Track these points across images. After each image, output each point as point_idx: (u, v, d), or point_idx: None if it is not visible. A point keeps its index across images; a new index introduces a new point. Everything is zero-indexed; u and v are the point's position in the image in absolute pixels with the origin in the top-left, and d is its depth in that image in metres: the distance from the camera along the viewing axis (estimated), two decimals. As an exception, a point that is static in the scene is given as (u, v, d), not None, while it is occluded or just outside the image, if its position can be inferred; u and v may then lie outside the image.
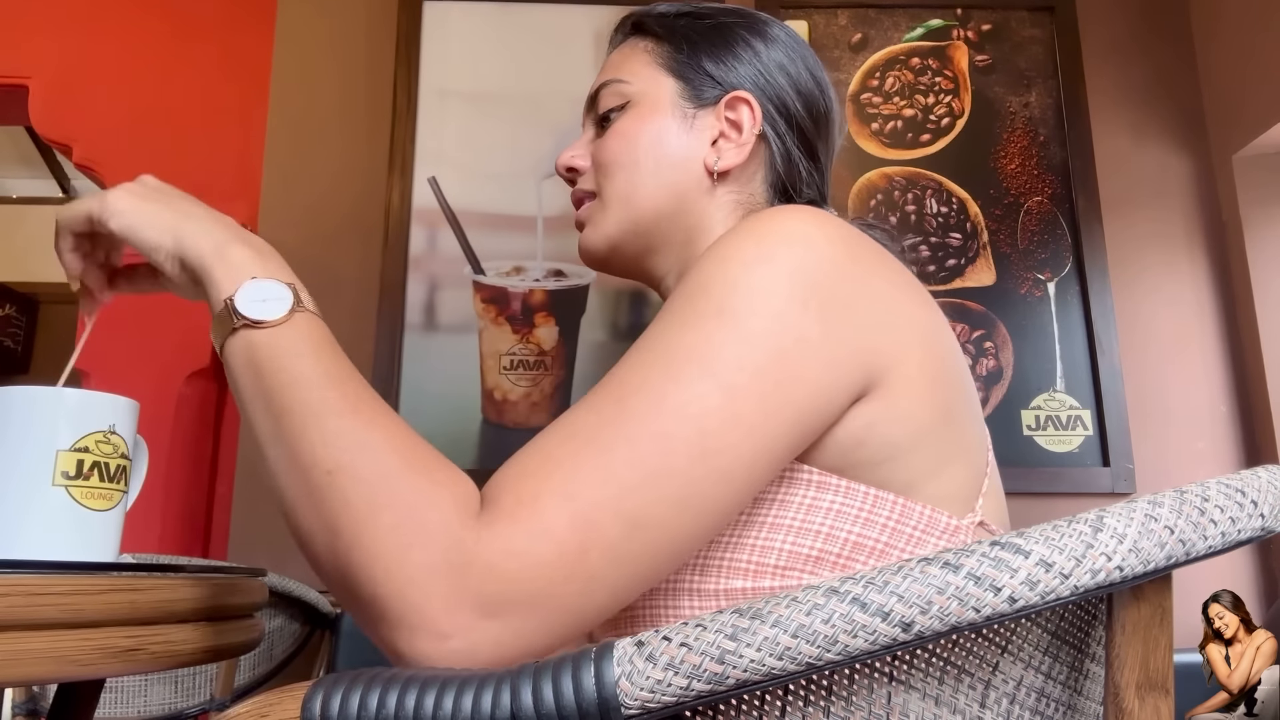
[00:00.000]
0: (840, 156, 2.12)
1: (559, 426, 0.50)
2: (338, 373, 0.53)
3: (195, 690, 1.87)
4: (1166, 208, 2.16)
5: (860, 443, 0.54)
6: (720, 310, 0.51)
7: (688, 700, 0.38)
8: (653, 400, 0.49)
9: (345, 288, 2.05)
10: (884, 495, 0.55)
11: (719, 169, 0.73)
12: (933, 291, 2.05)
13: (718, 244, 0.55)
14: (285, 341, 0.54)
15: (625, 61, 0.77)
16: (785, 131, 0.75)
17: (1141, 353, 2.07)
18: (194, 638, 0.58)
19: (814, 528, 0.54)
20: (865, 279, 0.55)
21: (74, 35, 2.21)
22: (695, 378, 0.49)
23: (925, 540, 0.55)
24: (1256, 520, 0.42)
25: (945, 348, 0.59)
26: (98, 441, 0.60)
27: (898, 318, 0.56)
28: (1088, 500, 1.95)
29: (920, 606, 0.38)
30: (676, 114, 0.74)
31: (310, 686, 0.40)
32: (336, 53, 2.18)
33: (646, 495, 0.47)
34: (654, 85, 0.75)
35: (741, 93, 0.74)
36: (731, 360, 0.50)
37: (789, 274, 0.52)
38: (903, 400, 0.54)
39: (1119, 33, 2.24)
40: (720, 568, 0.55)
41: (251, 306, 0.55)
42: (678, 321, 0.52)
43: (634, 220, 0.74)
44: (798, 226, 0.54)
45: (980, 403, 0.67)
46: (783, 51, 0.77)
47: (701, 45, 0.75)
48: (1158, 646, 0.42)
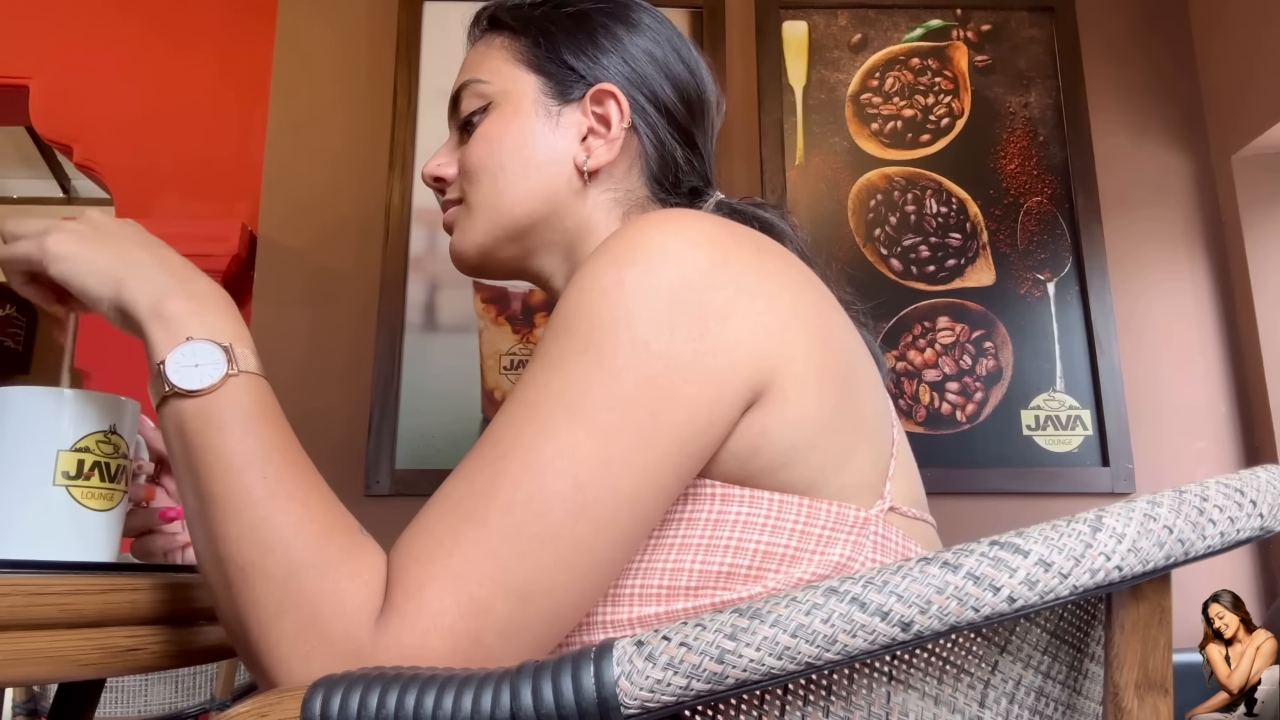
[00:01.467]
0: (840, 156, 2.13)
1: (440, 499, 0.50)
2: (261, 447, 0.52)
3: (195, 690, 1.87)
4: (1166, 208, 2.16)
5: (756, 450, 0.53)
6: (584, 349, 0.50)
7: (687, 700, 0.38)
8: (524, 459, 0.48)
9: (345, 288, 2.05)
10: (788, 499, 0.53)
11: (589, 168, 0.70)
12: (933, 291, 2.05)
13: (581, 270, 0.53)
14: (212, 412, 0.52)
15: (483, 60, 0.74)
16: (657, 122, 0.72)
17: (1141, 353, 2.07)
18: (194, 638, 0.58)
19: (721, 543, 0.53)
20: (739, 279, 0.52)
21: (74, 35, 2.22)
22: (563, 426, 0.48)
23: (835, 538, 0.53)
24: (1255, 520, 0.42)
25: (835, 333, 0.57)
26: (98, 441, 0.60)
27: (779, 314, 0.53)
28: (1087, 500, 1.95)
29: (919, 606, 0.38)
30: (540, 113, 0.70)
31: (310, 686, 0.40)
32: (336, 53, 2.18)
33: (531, 565, 0.47)
34: (514, 84, 0.71)
35: (607, 85, 0.70)
36: (600, 401, 0.49)
37: (651, 295, 0.50)
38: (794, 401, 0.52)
39: (1119, 33, 2.24)
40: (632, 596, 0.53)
41: (181, 374, 0.53)
42: (546, 366, 0.51)
43: (504, 226, 0.71)
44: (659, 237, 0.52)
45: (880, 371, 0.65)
46: (649, 37, 0.73)
47: (560, 37, 0.72)
48: (1157, 646, 0.42)
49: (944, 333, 2.04)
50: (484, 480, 0.49)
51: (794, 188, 2.10)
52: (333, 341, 2.02)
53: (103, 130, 2.18)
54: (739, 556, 0.52)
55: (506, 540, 0.47)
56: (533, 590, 0.47)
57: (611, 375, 0.49)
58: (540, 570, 0.47)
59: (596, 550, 0.48)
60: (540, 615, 0.47)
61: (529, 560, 0.47)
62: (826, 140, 2.14)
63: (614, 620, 0.54)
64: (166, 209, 2.16)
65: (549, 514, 0.47)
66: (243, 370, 0.54)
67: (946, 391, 2.01)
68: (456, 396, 1.97)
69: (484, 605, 0.46)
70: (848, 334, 0.59)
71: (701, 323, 0.50)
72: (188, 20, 2.25)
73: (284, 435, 0.54)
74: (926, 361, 2.02)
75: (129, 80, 2.21)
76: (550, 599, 0.47)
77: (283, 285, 2.05)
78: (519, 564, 0.46)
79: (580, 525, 0.48)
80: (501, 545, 0.47)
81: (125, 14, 2.24)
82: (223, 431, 0.52)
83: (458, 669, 0.40)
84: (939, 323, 2.05)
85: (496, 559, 0.46)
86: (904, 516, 0.58)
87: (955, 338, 2.04)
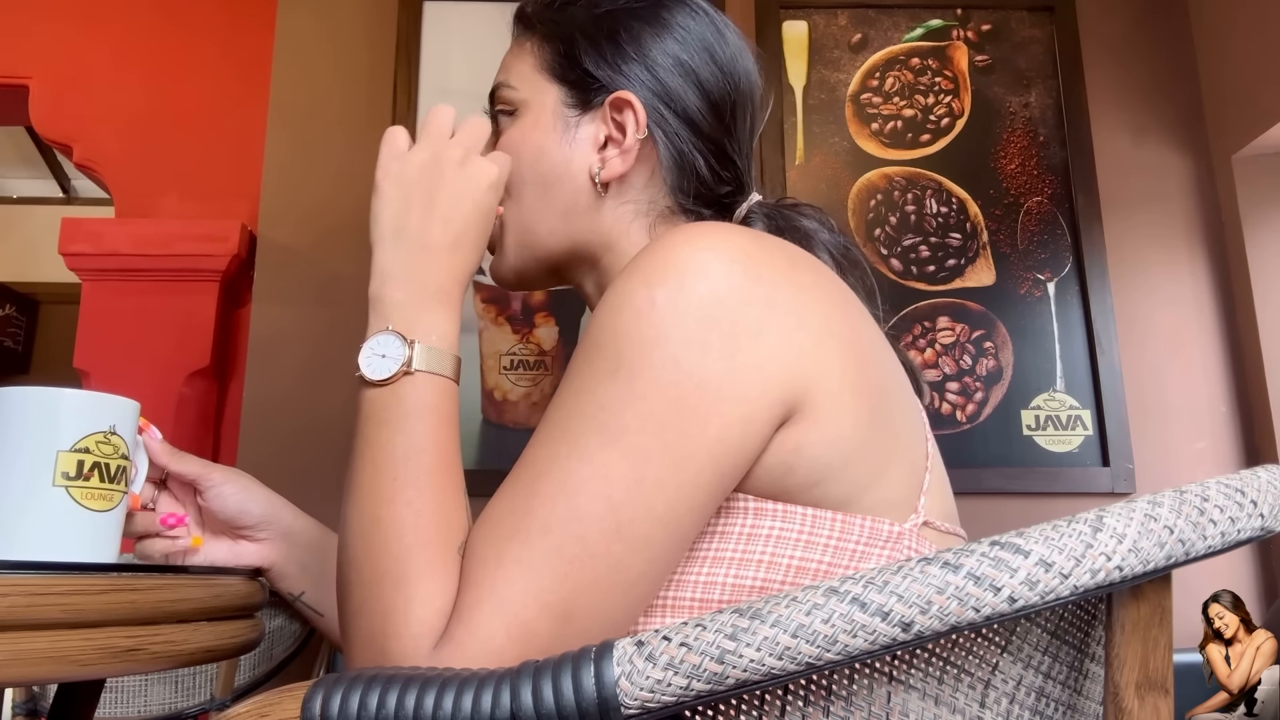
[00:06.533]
0: (840, 157, 2.13)
1: (484, 519, 0.51)
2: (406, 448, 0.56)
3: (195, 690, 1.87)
4: (1166, 208, 2.16)
5: (791, 468, 0.52)
6: (614, 369, 0.50)
7: (687, 700, 0.38)
8: (559, 482, 0.49)
9: (345, 288, 2.05)
10: (822, 514, 0.53)
11: (602, 178, 0.68)
12: (933, 291, 2.05)
13: (612, 288, 0.53)
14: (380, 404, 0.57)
15: (515, 63, 0.73)
16: (678, 131, 0.69)
17: (1141, 352, 2.07)
18: (194, 638, 0.58)
19: (755, 557, 0.53)
20: (771, 295, 0.52)
21: (74, 35, 2.21)
22: (598, 448, 0.49)
23: (869, 554, 0.53)
24: (1256, 520, 0.42)
25: (868, 348, 0.57)
26: (98, 442, 0.60)
27: (812, 330, 0.53)
28: (1088, 500, 1.95)
29: (920, 606, 0.38)
30: (558, 125, 0.69)
31: (310, 686, 0.40)
32: (336, 53, 2.18)
33: (572, 586, 0.48)
34: (538, 94, 0.71)
35: (623, 94, 0.68)
36: (632, 422, 0.49)
37: (682, 314, 0.50)
38: (828, 418, 0.52)
39: (1119, 33, 2.24)
40: (664, 608, 0.53)
41: (368, 362, 0.58)
42: (578, 387, 0.52)
43: (529, 247, 0.72)
44: (690, 255, 0.51)
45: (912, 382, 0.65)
46: (677, 40, 0.70)
47: (582, 44, 0.70)
48: (1157, 646, 0.42)
49: (944, 333, 2.04)
50: (522, 501, 0.50)
51: (794, 188, 2.10)
52: (333, 341, 2.02)
53: (103, 130, 2.18)
54: (772, 571, 0.52)
55: (546, 561, 0.48)
56: (574, 610, 0.48)
57: (642, 396, 0.49)
58: (580, 590, 0.48)
59: (634, 569, 0.49)
60: (582, 634, 0.48)
61: (569, 581, 0.48)
62: (826, 140, 2.14)
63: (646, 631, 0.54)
64: (166, 209, 2.16)
65: (585, 535, 0.48)
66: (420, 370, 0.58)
67: (946, 392, 2.01)
68: (456, 396, 1.97)
69: (530, 628, 0.47)
70: (881, 348, 0.59)
71: (733, 340, 0.50)
72: (188, 21, 2.25)
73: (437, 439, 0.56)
74: (926, 362, 2.02)
75: (129, 80, 2.21)
76: (592, 618, 0.48)
77: (283, 285, 2.04)
78: (560, 584, 0.48)
79: (616, 545, 0.48)
80: (542, 566, 0.48)
81: (125, 14, 2.23)
82: (381, 426, 0.57)
83: (457, 669, 0.40)
84: (939, 323, 2.05)
85: (539, 579, 0.48)
86: (937, 531, 0.57)
87: (955, 338, 2.04)
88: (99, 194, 3.32)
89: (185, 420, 2.02)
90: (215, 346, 2.06)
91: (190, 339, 2.03)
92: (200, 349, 2.03)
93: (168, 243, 2.03)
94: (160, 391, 1.97)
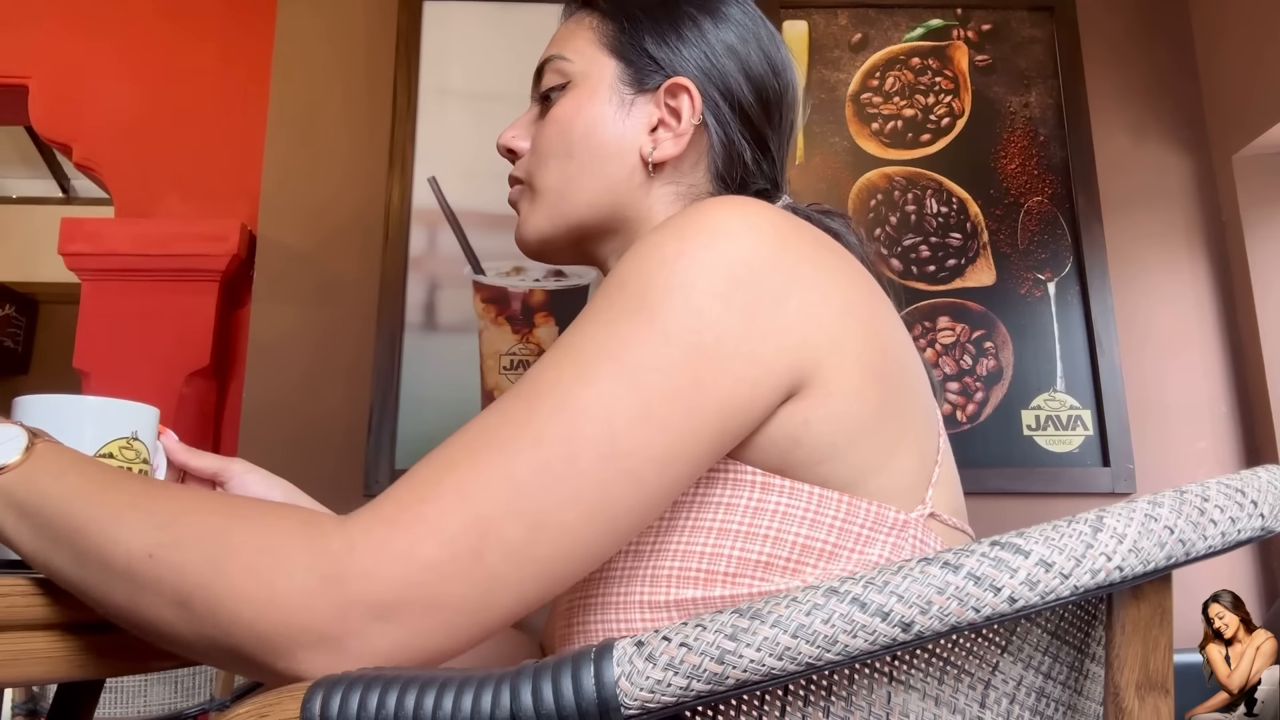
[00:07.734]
0: (840, 156, 2.13)
1: (464, 430, 0.49)
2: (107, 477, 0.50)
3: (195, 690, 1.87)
4: (1166, 208, 2.16)
5: (797, 441, 0.53)
6: (637, 308, 0.50)
7: (688, 700, 0.38)
8: (562, 400, 0.48)
9: (345, 288, 2.05)
10: (829, 494, 0.53)
11: (654, 160, 0.69)
12: (933, 291, 2.05)
13: (642, 240, 0.54)
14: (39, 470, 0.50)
15: (570, 38, 0.74)
16: (729, 120, 0.71)
17: (1142, 352, 2.07)
18: (194, 638, 0.58)
19: (761, 531, 0.53)
20: (796, 269, 0.53)
21: (74, 35, 2.22)
22: (607, 377, 0.48)
23: (874, 538, 0.54)
24: (1256, 520, 0.42)
25: (887, 336, 0.57)
26: (121, 448, 0.61)
27: (831, 308, 0.53)
28: (1088, 500, 1.95)
29: (920, 606, 0.38)
30: (614, 99, 0.70)
31: (310, 686, 0.40)
32: (336, 53, 2.18)
33: (549, 497, 0.46)
34: (595, 66, 0.71)
35: (682, 79, 0.70)
36: (646, 359, 0.48)
37: (710, 268, 0.50)
38: (837, 395, 0.53)
39: (1119, 33, 2.24)
40: (670, 578, 0.53)
41: None
42: (595, 320, 0.51)
43: (564, 215, 0.71)
44: (724, 218, 0.52)
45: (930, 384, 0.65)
46: (734, 32, 0.72)
47: (645, 24, 0.71)
48: (1157, 646, 0.42)
49: (944, 333, 2.04)
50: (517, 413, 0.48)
51: (794, 188, 2.10)
52: (333, 341, 2.02)
53: (103, 130, 2.18)
54: (778, 547, 0.53)
55: (530, 468, 0.46)
56: (548, 522, 0.46)
57: (661, 336, 0.49)
58: (558, 504, 0.46)
59: (619, 502, 0.47)
60: (551, 548, 0.46)
61: (548, 494, 0.46)
62: (827, 140, 2.14)
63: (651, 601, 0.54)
64: (166, 209, 2.16)
65: (578, 455, 0.46)
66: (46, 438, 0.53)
67: (947, 391, 2.01)
68: (456, 397, 1.97)
69: (492, 526, 0.45)
70: (900, 339, 0.59)
71: (755, 303, 0.51)
72: (188, 20, 2.25)
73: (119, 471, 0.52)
74: (927, 361, 2.03)
75: (129, 80, 2.21)
76: (564, 534, 0.46)
77: (282, 285, 2.05)
78: (537, 495, 0.46)
79: (607, 473, 0.47)
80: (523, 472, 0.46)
81: (125, 14, 2.24)
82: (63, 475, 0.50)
83: (457, 670, 0.40)
84: (939, 323, 2.05)
85: (515, 485, 0.45)
86: (943, 524, 0.58)
87: (956, 338, 2.04)
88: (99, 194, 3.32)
89: (185, 420, 2.02)
90: (215, 346, 2.06)
91: (190, 339, 2.03)
92: (200, 349, 2.03)
93: (167, 243, 2.03)
94: (160, 391, 1.98)
